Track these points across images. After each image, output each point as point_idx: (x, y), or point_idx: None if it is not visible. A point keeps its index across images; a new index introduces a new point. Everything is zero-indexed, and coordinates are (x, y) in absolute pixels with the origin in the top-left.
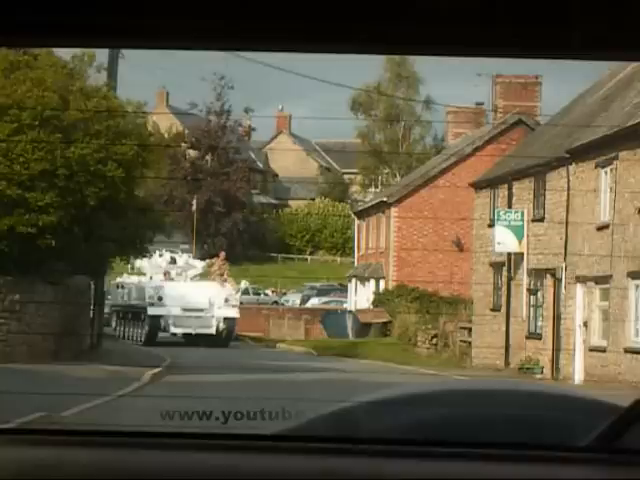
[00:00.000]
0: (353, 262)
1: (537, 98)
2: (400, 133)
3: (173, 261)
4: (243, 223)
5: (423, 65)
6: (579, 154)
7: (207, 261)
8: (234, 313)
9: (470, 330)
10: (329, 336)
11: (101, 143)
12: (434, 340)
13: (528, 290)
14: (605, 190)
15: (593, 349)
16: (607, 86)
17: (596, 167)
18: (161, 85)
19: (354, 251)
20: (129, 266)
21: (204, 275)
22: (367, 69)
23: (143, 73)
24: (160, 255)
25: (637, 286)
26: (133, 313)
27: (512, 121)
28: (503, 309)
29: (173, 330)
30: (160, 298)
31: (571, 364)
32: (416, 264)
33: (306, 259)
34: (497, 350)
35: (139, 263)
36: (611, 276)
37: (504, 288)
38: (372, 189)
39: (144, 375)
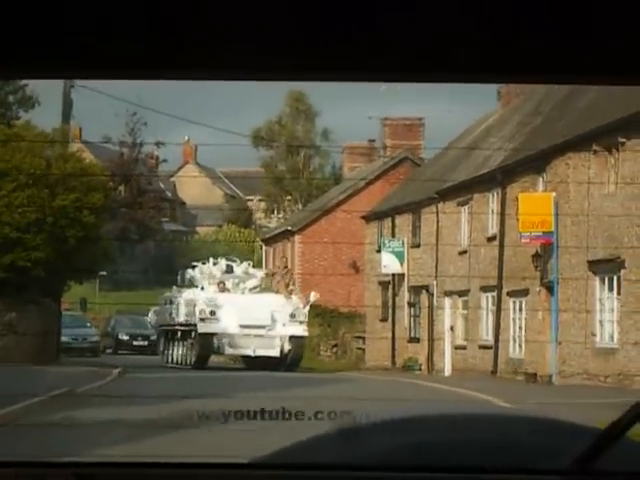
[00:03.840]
0: None
1: (421, 137)
2: (301, 163)
3: (229, 270)
4: (155, 249)
5: (317, 100)
6: (445, 194)
7: (267, 270)
8: (302, 331)
9: (364, 339)
10: None
11: (77, 195)
12: (334, 349)
13: (409, 303)
14: (464, 223)
15: (458, 347)
16: (473, 134)
17: (457, 205)
18: (75, 121)
19: None
20: (178, 278)
21: (266, 288)
22: (268, 101)
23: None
24: (214, 263)
25: (487, 297)
26: (182, 332)
27: (399, 158)
28: (390, 319)
29: (228, 351)
30: (213, 313)
31: (442, 360)
32: (318, 284)
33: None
34: (386, 353)
35: (190, 273)
36: (469, 290)
37: (390, 302)
38: (275, 214)
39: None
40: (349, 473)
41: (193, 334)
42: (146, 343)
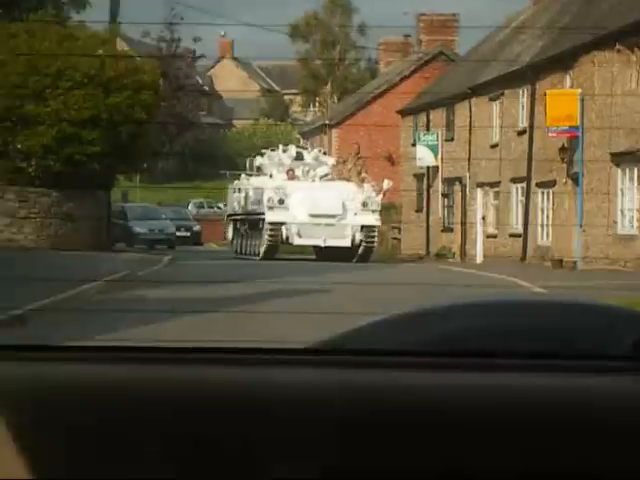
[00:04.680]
0: None
1: (455, 34)
2: (337, 57)
3: (299, 157)
4: (194, 142)
5: None
6: (477, 90)
7: (339, 157)
8: (374, 221)
9: (400, 229)
10: None
11: (129, 93)
12: None
13: (442, 195)
14: (495, 118)
15: (489, 236)
16: (504, 32)
17: (489, 100)
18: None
19: None
20: (247, 166)
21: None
22: None
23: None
24: (284, 150)
25: (517, 188)
26: (250, 221)
27: (434, 53)
28: (424, 210)
29: (297, 241)
30: (281, 201)
31: (474, 248)
32: None
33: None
34: (420, 242)
35: (259, 160)
36: (500, 182)
37: (425, 194)
38: (311, 108)
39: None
40: (413, 359)
41: (261, 223)
42: (189, 234)
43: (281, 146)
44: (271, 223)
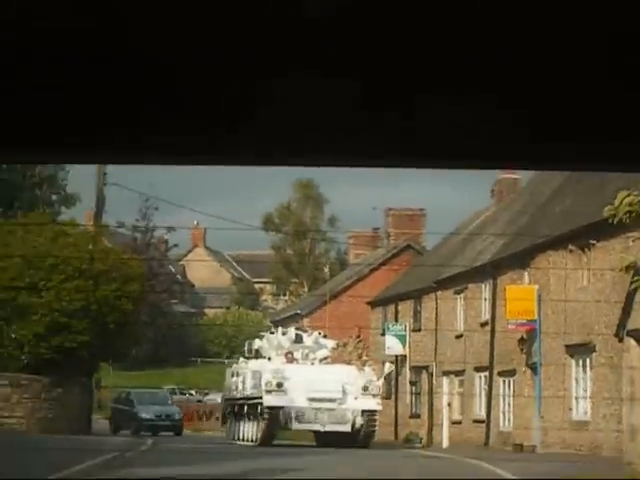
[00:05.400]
0: None
1: (422, 227)
2: (307, 248)
3: (299, 339)
4: (166, 330)
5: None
6: (443, 284)
7: (339, 340)
8: (375, 405)
9: None
10: None
11: (117, 285)
12: None
13: (410, 382)
14: (460, 310)
15: (454, 422)
16: (468, 228)
17: (454, 293)
18: (90, 206)
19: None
20: (245, 349)
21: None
22: (277, 188)
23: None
24: (283, 333)
25: (480, 377)
26: (248, 406)
27: (402, 246)
28: (393, 397)
29: (296, 426)
30: (280, 385)
31: (440, 434)
32: None
33: (223, 362)
34: (389, 428)
35: (257, 343)
36: (464, 370)
37: (393, 382)
38: (282, 297)
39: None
40: None
41: (259, 408)
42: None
43: (280, 328)
44: (269, 407)
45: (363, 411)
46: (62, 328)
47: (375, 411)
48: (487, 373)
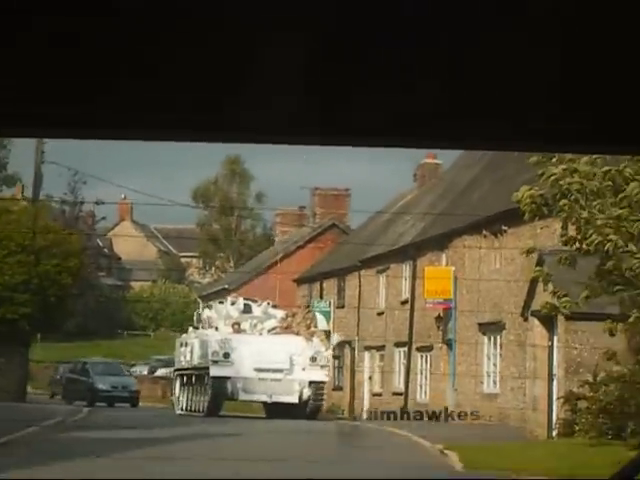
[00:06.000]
0: None
1: (347, 207)
2: (234, 223)
3: (247, 309)
4: (94, 303)
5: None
6: (366, 263)
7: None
8: (323, 376)
9: None
10: None
11: (58, 261)
12: None
13: (333, 357)
14: (382, 289)
15: (375, 394)
16: (392, 209)
17: (377, 273)
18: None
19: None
20: (194, 318)
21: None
22: (206, 160)
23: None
24: (232, 303)
25: (399, 352)
26: (196, 376)
27: (327, 225)
28: None
29: (243, 397)
30: (226, 355)
31: (361, 405)
32: None
33: (149, 335)
34: None
35: (206, 313)
36: (384, 346)
37: None
38: (208, 271)
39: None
40: None
41: (206, 378)
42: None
43: (229, 298)
44: (215, 377)
45: (310, 382)
46: (4, 300)
47: (323, 382)
48: (406, 348)
